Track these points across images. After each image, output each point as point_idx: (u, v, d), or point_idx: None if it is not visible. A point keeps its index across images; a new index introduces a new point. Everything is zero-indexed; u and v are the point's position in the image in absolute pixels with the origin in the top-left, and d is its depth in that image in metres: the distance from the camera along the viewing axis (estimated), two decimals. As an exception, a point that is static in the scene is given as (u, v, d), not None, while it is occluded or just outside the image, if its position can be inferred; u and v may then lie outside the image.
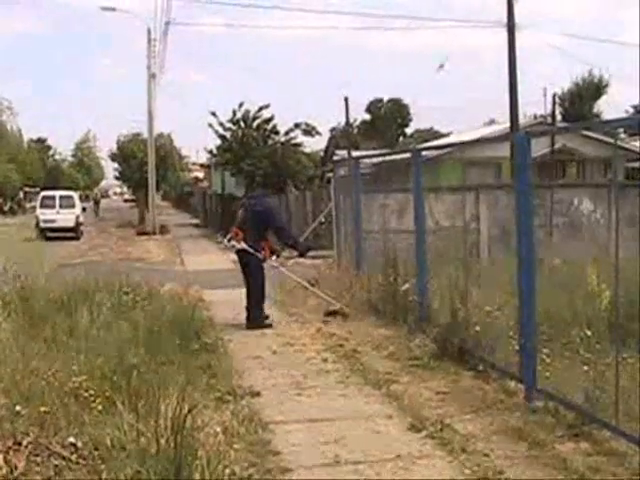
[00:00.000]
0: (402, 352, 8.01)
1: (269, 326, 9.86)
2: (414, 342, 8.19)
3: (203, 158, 52.49)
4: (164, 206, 67.65)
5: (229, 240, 10.36)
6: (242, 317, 10.11)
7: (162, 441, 4.32)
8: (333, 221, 14.61)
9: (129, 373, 6.02)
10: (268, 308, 10.37)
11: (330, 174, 24.17)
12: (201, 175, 68.13)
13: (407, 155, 10.38)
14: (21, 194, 66.05)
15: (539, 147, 23.58)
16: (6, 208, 58.86)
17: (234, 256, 10.90)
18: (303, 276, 12.22)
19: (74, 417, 5.12)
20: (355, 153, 26.76)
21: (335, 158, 29.33)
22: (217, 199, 36.50)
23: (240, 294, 10.45)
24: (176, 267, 19.65)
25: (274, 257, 10.56)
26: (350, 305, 10.51)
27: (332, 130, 55.25)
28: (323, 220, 20.15)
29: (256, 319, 9.94)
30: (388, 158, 21.62)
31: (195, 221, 45.26)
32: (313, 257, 14.37)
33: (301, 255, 11.17)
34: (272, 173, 30.25)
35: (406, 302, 9.35)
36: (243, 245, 10.12)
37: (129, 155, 41.38)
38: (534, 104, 72.18)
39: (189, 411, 4.55)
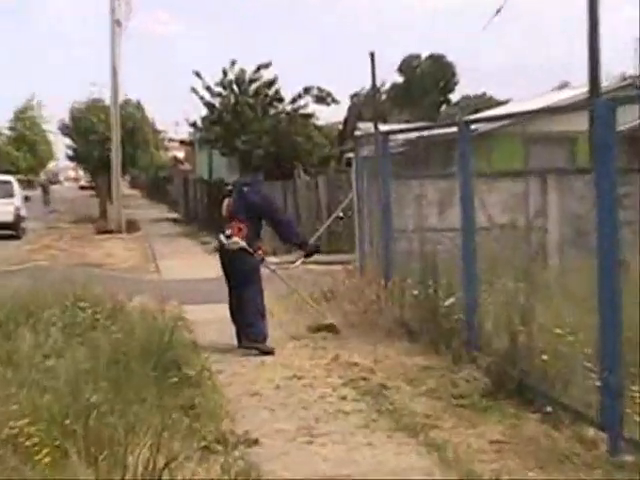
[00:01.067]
0: (445, 388, 8.00)
1: (270, 352, 9.86)
2: (460, 374, 8.18)
3: (184, 133, 52.66)
4: (133, 195, 68.05)
5: (228, 237, 10.24)
6: (235, 341, 10.16)
7: (130, 504, 4.33)
8: (354, 216, 14.61)
9: (86, 415, 6.03)
10: (270, 328, 10.39)
11: (350, 154, 24.20)
12: (181, 155, 68.39)
13: (452, 129, 10.36)
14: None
15: (628, 117, 23.49)
16: None
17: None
18: (315, 285, 12.21)
19: (12, 472, 5.12)
20: (383, 127, 26.76)
21: (357, 133, 29.31)
22: (203, 186, 36.59)
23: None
24: (149, 275, 19.73)
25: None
26: (376, 324, 10.51)
27: (353, 97, 55.45)
28: (342, 215, 20.11)
29: (254, 337, 9.99)
30: (427, 133, 21.59)
31: (174, 215, 45.43)
32: (329, 262, 14.39)
33: (307, 256, 11.18)
34: (275, 153, 30.28)
35: (450, 322, 9.36)
36: (242, 243, 10.13)
37: (86, 128, 41.43)
38: (621, 61, 72.02)
39: (166, 465, 4.56)
